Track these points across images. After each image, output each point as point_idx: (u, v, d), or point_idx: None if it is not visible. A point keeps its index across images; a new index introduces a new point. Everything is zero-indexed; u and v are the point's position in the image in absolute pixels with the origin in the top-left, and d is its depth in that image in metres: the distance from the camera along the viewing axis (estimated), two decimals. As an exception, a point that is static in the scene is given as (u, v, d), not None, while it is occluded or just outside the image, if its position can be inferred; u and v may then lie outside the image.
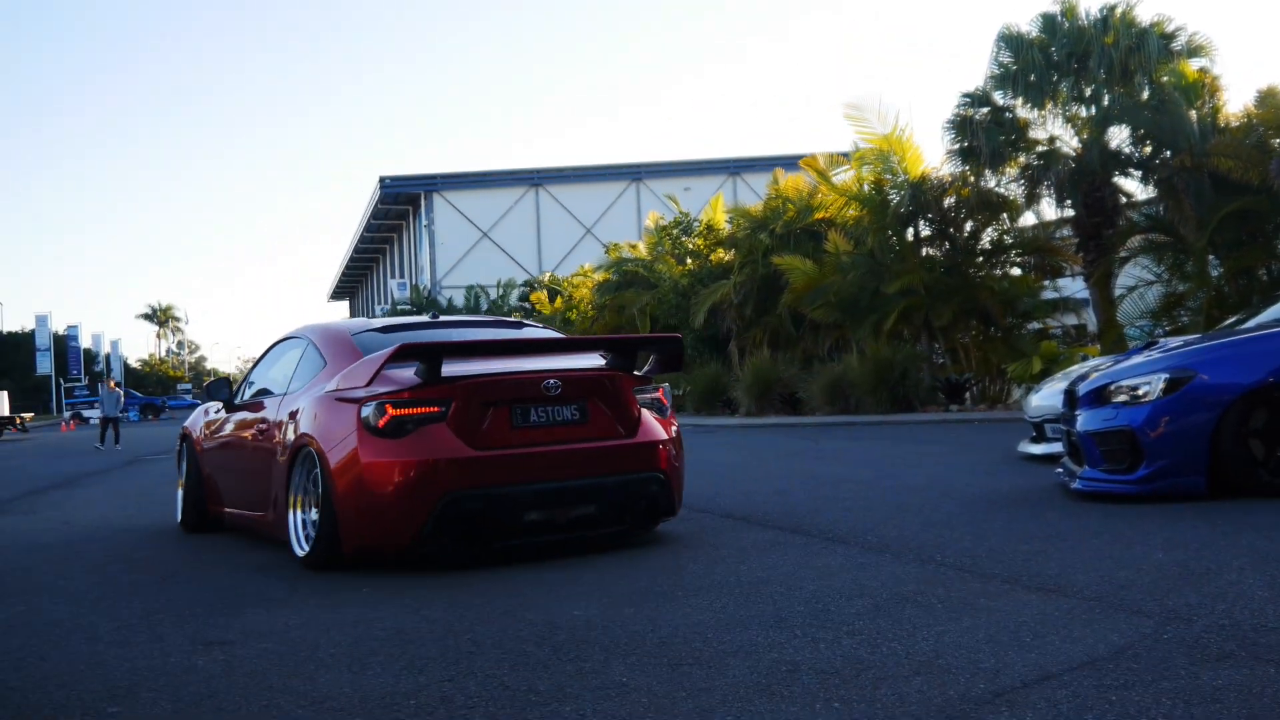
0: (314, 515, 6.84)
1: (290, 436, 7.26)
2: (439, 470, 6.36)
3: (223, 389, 9.07)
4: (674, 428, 7.38)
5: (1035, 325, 24.17)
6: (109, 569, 7.29)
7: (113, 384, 32.15)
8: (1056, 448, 9.85)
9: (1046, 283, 24.03)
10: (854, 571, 5.71)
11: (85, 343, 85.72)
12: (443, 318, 8.56)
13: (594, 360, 7.28)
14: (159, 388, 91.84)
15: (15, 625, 5.51)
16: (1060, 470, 8.74)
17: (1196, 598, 4.60)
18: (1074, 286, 25.01)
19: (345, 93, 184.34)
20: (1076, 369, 11.11)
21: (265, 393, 8.31)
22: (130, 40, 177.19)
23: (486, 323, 8.92)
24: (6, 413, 46.24)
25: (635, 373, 7.20)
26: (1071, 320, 25.13)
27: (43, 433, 50.11)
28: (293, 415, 7.33)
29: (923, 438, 15.98)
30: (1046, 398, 11.01)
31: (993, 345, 23.29)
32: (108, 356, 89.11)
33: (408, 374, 6.63)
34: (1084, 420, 8.07)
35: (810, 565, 5.98)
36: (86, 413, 65.15)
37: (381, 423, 6.47)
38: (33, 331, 79.14)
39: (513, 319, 8.86)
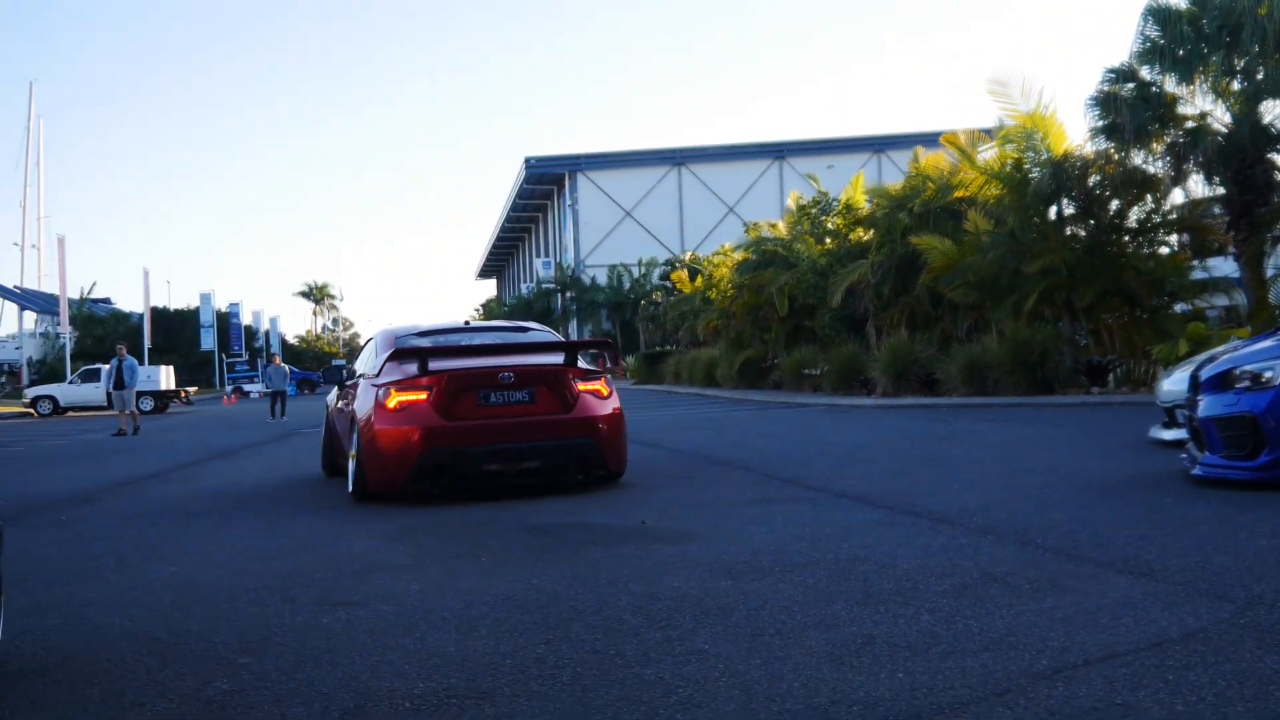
0: (355, 463, 9.59)
1: (351, 409, 10.05)
2: (422, 435, 9.03)
3: (335, 373, 11.99)
4: (613, 408, 9.70)
5: (1183, 306, 23.47)
6: (255, 537, 7.81)
7: (277, 360, 33.82)
8: (1186, 433, 9.71)
9: (1195, 262, 23.28)
10: (952, 552, 5.83)
11: (246, 319, 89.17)
12: (473, 324, 11.87)
13: (550, 358, 9.79)
14: (314, 363, 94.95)
15: (168, 585, 6.00)
16: (1184, 456, 8.64)
17: (1286, 584, 4.63)
18: (1225, 267, 24.20)
19: (492, 74, 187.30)
20: (1208, 353, 10.89)
21: (363, 375, 10.54)
22: (284, 28, 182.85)
23: (499, 328, 11.87)
24: (172, 386, 48.48)
25: (581, 366, 9.75)
26: (1222, 301, 24.29)
27: (206, 406, 52.45)
28: (356, 393, 10.13)
29: (1058, 421, 15.78)
30: (1177, 382, 10.80)
31: (1138, 326, 22.71)
32: (267, 333, 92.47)
33: (412, 367, 9.30)
34: (1205, 405, 7.99)
35: (910, 545, 6.12)
36: (247, 387, 67.87)
37: (388, 401, 9.20)
38: (197, 309, 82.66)
39: (520, 324, 11.78)
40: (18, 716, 3.65)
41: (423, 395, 9.13)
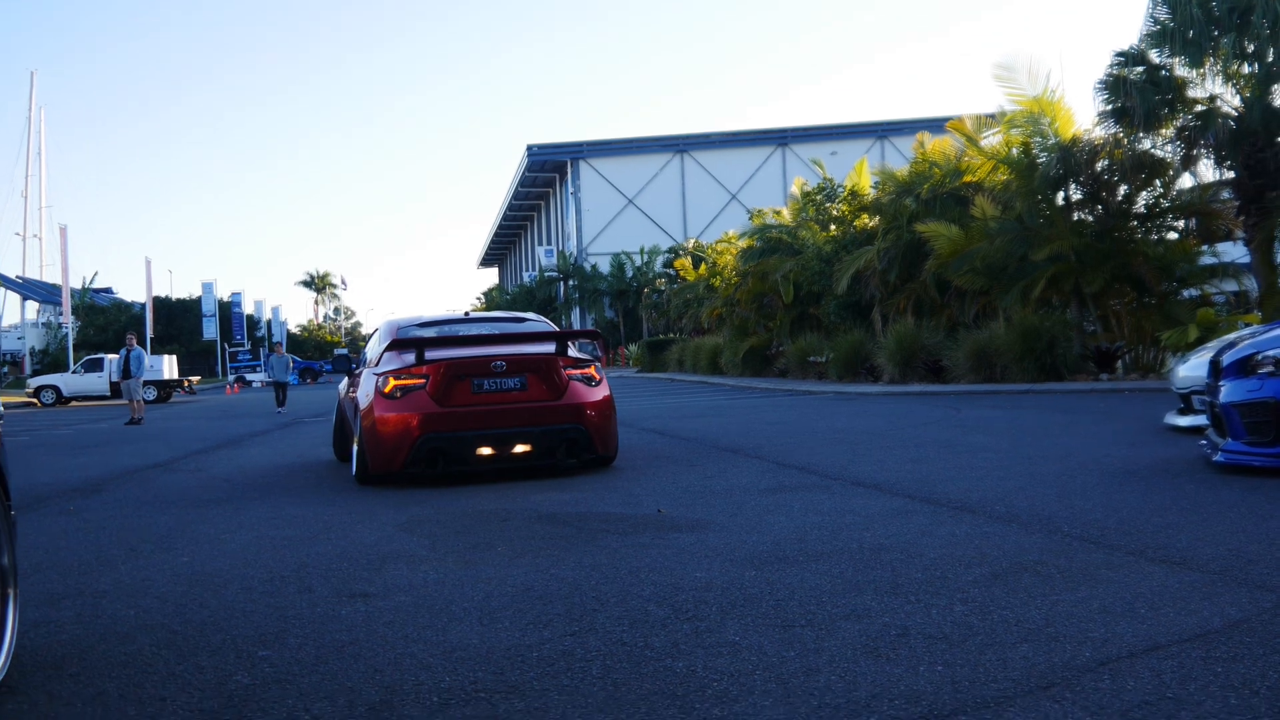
0: (357, 448, 9.99)
1: (355, 396, 10.45)
2: (419, 421, 9.46)
3: (343, 362, 12.60)
4: (602, 395, 10.04)
5: (1192, 292, 23.36)
6: (265, 526, 7.71)
7: (280, 350, 32.64)
8: (1203, 420, 9.60)
9: (1205, 248, 23.15)
10: (978, 540, 5.74)
11: (248, 309, 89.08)
12: (472, 315, 12.05)
13: (542, 347, 10.12)
14: (317, 352, 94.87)
15: (181, 575, 5.91)
16: (1204, 443, 8.55)
17: (1325, 573, 4.53)
18: (1235, 252, 24.06)
19: (494, 63, 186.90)
20: (1226, 338, 10.78)
21: (366, 365, 10.91)
22: (287, 20, 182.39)
23: (497, 319, 12.13)
24: (175, 376, 48.36)
25: (571, 354, 10.02)
26: (1231, 286, 24.16)
27: (209, 395, 52.39)
28: (360, 381, 10.48)
29: (1068, 407, 15.69)
30: (1194, 368, 10.72)
31: (1147, 313, 22.63)
32: (269, 322, 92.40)
33: (410, 357, 9.75)
34: (1227, 391, 7.88)
35: (934, 533, 6.03)
36: (249, 376, 67.78)
37: (386, 389, 9.63)
38: (199, 298, 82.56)
39: (517, 315, 12.27)
40: (35, 710, 3.56)
41: (419, 383, 9.57)
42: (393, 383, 9.61)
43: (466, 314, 12.14)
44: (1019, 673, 3.45)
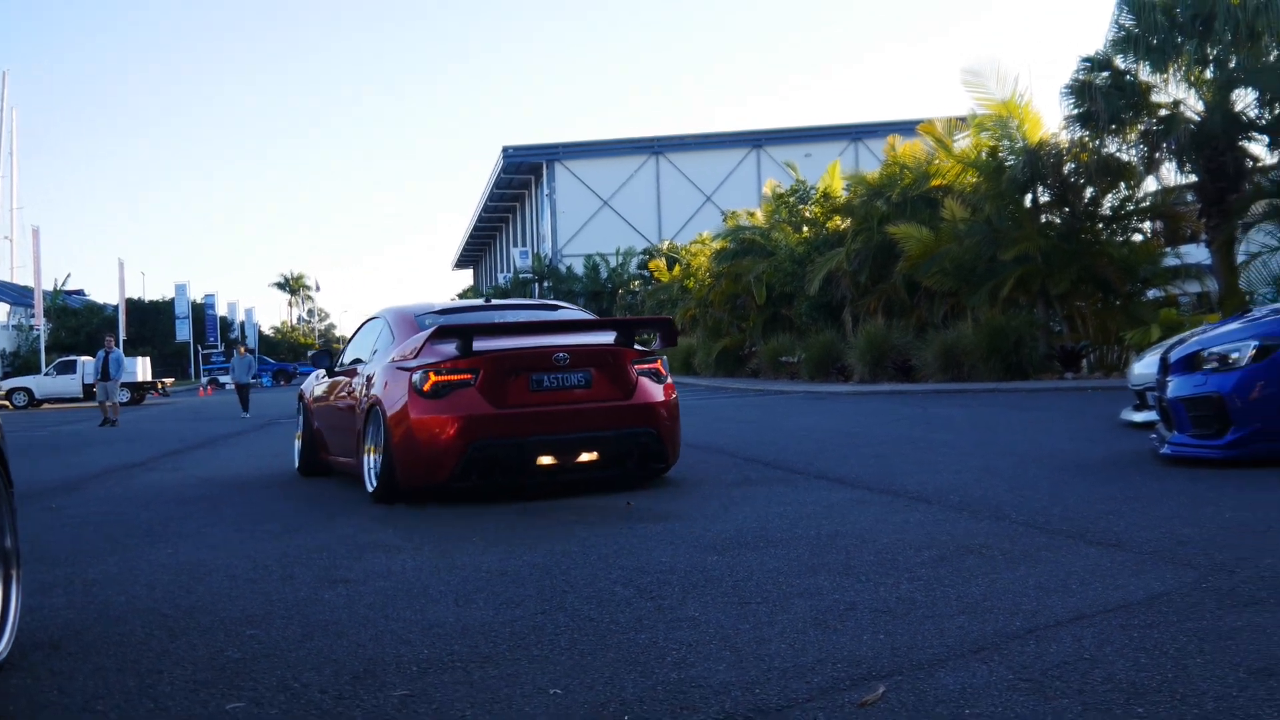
0: (379, 458, 8.42)
1: (364, 397, 8.96)
2: (468, 424, 7.98)
3: (323, 359, 10.92)
4: (670, 393, 8.79)
5: (1156, 292, 23.85)
6: (245, 520, 7.94)
7: (243, 350, 31.33)
8: (1156, 415, 9.94)
9: (1168, 250, 23.67)
10: (929, 527, 6.04)
11: (221, 310, 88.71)
12: (494, 301, 10.49)
13: (602, 337, 8.79)
14: (291, 354, 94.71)
15: (166, 566, 6.14)
16: (1154, 436, 8.89)
17: (1247, 552, 4.86)
18: (1198, 254, 24.57)
19: (470, 64, 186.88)
20: (1178, 336, 11.13)
21: (358, 361, 9.83)
22: (260, 20, 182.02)
23: (527, 305, 10.59)
24: (149, 378, 48.32)
25: (636, 347, 8.70)
26: (1194, 287, 24.68)
27: (182, 397, 52.34)
28: (369, 380, 9.00)
29: (1032, 405, 16.05)
30: (1148, 365, 11.06)
31: (1111, 313, 23.10)
32: (242, 324, 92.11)
33: (450, 348, 8.22)
34: (1174, 386, 8.22)
35: (889, 521, 6.33)
36: (222, 378, 67.66)
37: (426, 386, 8.11)
38: (172, 300, 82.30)
39: (549, 302, 11.02)
40: (39, 684, 3.80)
41: (467, 379, 8.10)
42: (433, 379, 8.09)
43: (487, 299, 10.68)
44: (954, 640, 3.74)
